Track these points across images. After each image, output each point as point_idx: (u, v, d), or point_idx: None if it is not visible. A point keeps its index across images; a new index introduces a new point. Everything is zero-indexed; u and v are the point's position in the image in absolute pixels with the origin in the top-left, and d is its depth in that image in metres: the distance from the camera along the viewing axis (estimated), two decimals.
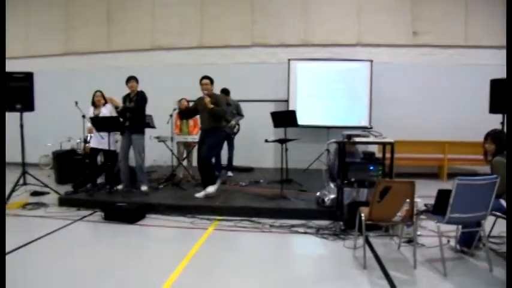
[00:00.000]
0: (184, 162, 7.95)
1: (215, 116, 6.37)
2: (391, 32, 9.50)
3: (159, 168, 9.06)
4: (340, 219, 5.24)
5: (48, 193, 7.01)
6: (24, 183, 6.70)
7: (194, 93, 7.23)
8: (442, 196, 3.82)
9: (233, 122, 8.03)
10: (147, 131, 7.15)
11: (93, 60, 10.62)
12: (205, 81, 6.42)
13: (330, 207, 5.63)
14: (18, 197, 6.56)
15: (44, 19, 10.91)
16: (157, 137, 7.53)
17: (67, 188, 7.18)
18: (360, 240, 4.26)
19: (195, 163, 7.78)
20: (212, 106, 6.23)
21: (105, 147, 6.89)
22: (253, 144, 9.22)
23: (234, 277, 3.84)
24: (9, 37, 10.76)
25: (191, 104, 7.27)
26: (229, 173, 8.37)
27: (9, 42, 10.71)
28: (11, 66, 7.79)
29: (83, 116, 6.99)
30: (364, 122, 9.18)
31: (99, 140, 6.98)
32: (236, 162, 8.62)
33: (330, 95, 9.41)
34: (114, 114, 7.02)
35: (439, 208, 3.86)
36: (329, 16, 9.68)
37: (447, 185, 3.95)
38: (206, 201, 6.20)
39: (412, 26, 9.43)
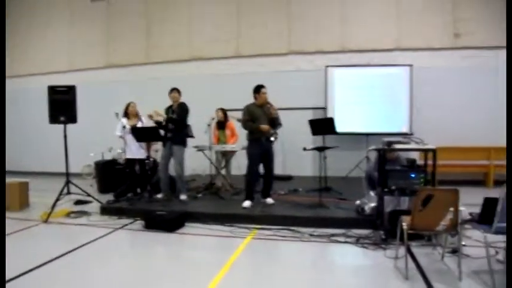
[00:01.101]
0: (223, 171, 8.00)
1: (273, 123, 6.49)
2: (431, 35, 9.25)
3: (197, 177, 9.16)
4: (381, 228, 5.11)
5: (90, 202, 7.22)
6: (68, 193, 6.93)
7: (231, 102, 7.30)
8: (489, 204, 3.67)
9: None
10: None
11: (133, 72, 10.96)
12: (266, 90, 6.44)
13: (370, 216, 5.51)
14: (62, 205, 6.80)
15: (86, 34, 11.39)
16: (196, 146, 7.62)
17: (109, 197, 7.39)
18: (402, 250, 4.14)
19: (233, 172, 7.84)
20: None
21: (141, 156, 7.07)
22: (292, 153, 9.17)
23: (273, 286, 3.81)
24: (53, 52, 11.40)
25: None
26: None
27: (53, 57, 11.34)
28: (55, 80, 8.17)
29: (124, 127, 7.19)
30: (404, 129, 8.97)
31: (133, 151, 7.18)
32: (274, 170, 8.55)
33: (368, 101, 9.26)
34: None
35: (485, 217, 3.70)
36: (366, 21, 9.56)
37: (494, 192, 3.77)
38: (245, 210, 6.21)
39: (454, 28, 9.14)
